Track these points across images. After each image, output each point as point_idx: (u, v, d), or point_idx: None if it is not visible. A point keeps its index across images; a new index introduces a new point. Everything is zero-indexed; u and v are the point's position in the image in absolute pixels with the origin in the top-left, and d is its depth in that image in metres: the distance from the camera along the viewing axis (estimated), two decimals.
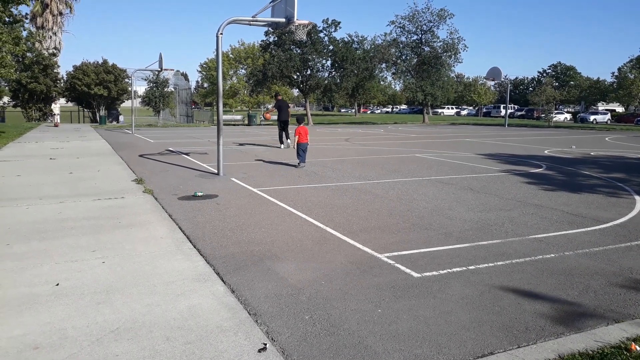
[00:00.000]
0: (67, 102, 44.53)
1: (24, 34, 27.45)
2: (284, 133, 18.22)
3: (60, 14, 44.67)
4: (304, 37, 12.03)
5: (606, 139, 26.65)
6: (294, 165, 12.74)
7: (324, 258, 5.31)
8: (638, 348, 3.34)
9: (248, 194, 9.00)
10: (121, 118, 42.19)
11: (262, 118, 18.43)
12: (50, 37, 43.69)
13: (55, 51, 43.12)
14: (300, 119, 13.50)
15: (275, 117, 18.52)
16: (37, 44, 39.96)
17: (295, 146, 12.72)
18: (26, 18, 27.35)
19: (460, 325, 3.74)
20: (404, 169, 12.52)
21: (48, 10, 43.24)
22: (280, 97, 18.94)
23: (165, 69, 28.08)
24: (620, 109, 71.67)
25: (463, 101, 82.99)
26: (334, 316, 3.87)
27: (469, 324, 3.76)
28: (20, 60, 34.78)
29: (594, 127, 42.05)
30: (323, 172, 11.90)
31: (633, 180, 11.24)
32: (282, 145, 18.27)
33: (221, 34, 11.04)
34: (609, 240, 6.11)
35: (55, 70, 40.42)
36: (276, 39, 40.73)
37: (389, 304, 4.10)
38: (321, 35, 41.41)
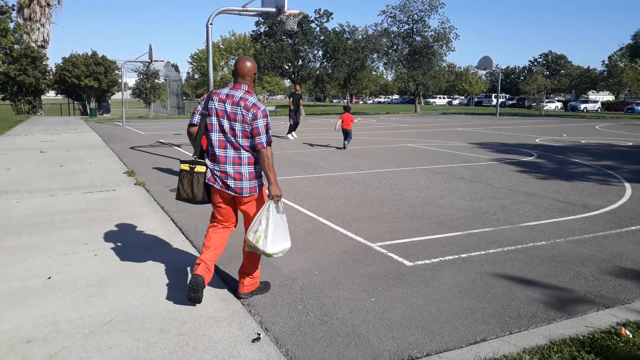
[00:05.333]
0: (56, 94, 44.02)
1: (11, 25, 27.12)
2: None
3: (48, 5, 44.07)
4: (295, 27, 11.97)
5: (596, 127, 26.81)
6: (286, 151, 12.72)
7: (317, 248, 5.32)
8: (628, 332, 3.38)
9: None
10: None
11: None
12: (38, 28, 43.13)
13: (43, 43, 42.59)
14: (347, 108, 15.69)
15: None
16: (24, 36, 39.49)
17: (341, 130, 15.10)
18: (13, 9, 26.98)
19: (453, 312, 3.77)
20: (396, 159, 12.53)
21: (35, 2, 42.65)
22: (297, 90, 19.57)
23: (155, 60, 27.88)
24: (610, 97, 72.04)
25: (454, 91, 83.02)
26: (327, 305, 3.88)
27: (461, 311, 3.79)
28: (8, 52, 34.35)
29: (585, 116, 42.28)
30: (315, 162, 11.89)
31: (623, 167, 11.33)
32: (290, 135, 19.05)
33: (211, 24, 10.95)
34: (599, 227, 6.17)
35: (44, 63, 39.93)
36: (267, 29, 40.48)
37: (382, 293, 4.12)
38: (312, 25, 41.21)
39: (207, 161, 3.79)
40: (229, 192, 3.73)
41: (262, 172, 3.81)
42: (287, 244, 3.78)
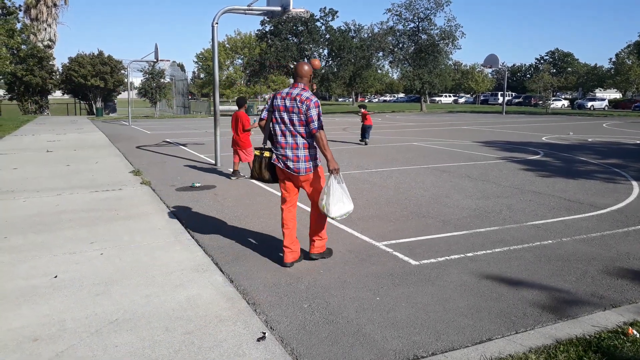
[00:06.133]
0: (63, 94, 44.25)
1: (18, 26, 27.25)
2: None
3: (55, 5, 44.30)
4: (304, 15, 11.96)
5: (603, 125, 26.64)
6: None
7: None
8: (635, 332, 3.36)
9: (246, 184, 8.99)
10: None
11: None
12: (45, 28, 43.37)
13: (50, 43, 42.83)
14: (363, 106, 16.95)
15: None
16: (31, 36, 39.70)
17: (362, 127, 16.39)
18: (20, 10, 27.10)
19: (459, 312, 3.75)
20: (401, 158, 12.50)
21: (42, 2, 42.87)
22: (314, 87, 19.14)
23: (161, 60, 27.94)
24: (617, 95, 71.59)
25: (460, 89, 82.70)
26: (332, 304, 3.88)
27: (467, 310, 3.77)
28: (15, 52, 34.52)
29: (592, 114, 42.03)
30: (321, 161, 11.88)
31: (630, 166, 11.25)
32: None
33: (217, 23, 10.96)
34: (606, 226, 6.12)
35: (50, 63, 40.14)
36: (272, 28, 40.51)
37: (387, 292, 4.11)
38: (318, 24, 41.19)
39: (273, 147, 4.67)
40: (288, 171, 4.61)
41: (317, 155, 4.71)
42: (348, 208, 4.59)
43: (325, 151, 4.53)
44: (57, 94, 44.75)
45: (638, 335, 3.33)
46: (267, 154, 4.70)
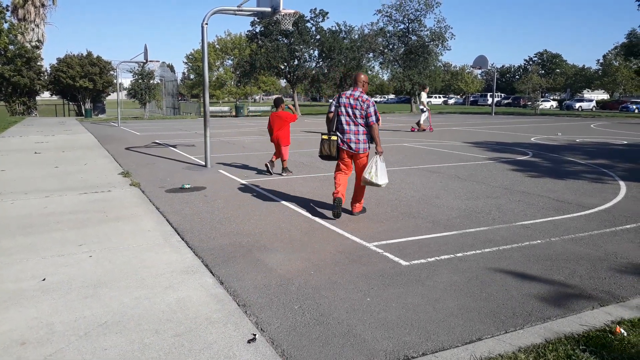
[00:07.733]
0: (51, 95, 43.83)
1: (5, 26, 27.00)
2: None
3: (43, 5, 43.95)
4: (290, 27, 11.95)
5: (591, 125, 26.90)
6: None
7: (313, 248, 5.31)
8: (622, 331, 3.39)
9: (236, 186, 8.97)
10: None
11: None
12: (33, 29, 43.01)
13: (38, 43, 42.41)
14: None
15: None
16: (19, 37, 39.31)
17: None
18: (7, 10, 26.89)
19: (449, 312, 3.77)
20: (391, 159, 12.53)
21: (30, 2, 42.51)
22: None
23: (150, 61, 27.75)
24: (605, 96, 72.31)
25: (450, 90, 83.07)
26: (323, 305, 3.88)
27: (457, 310, 3.79)
28: (2, 53, 34.17)
29: (580, 114, 42.41)
30: (311, 162, 11.88)
31: (617, 166, 11.37)
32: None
33: (206, 24, 10.93)
34: (594, 226, 6.18)
35: (38, 63, 39.76)
36: (263, 29, 40.43)
37: (378, 293, 4.12)
38: (308, 25, 41.17)
39: (338, 133, 6.34)
40: (351, 151, 6.33)
41: (368, 140, 6.34)
42: (387, 180, 6.33)
43: (377, 137, 6.22)
44: (45, 95, 44.31)
45: (625, 334, 3.36)
46: (334, 137, 6.30)
